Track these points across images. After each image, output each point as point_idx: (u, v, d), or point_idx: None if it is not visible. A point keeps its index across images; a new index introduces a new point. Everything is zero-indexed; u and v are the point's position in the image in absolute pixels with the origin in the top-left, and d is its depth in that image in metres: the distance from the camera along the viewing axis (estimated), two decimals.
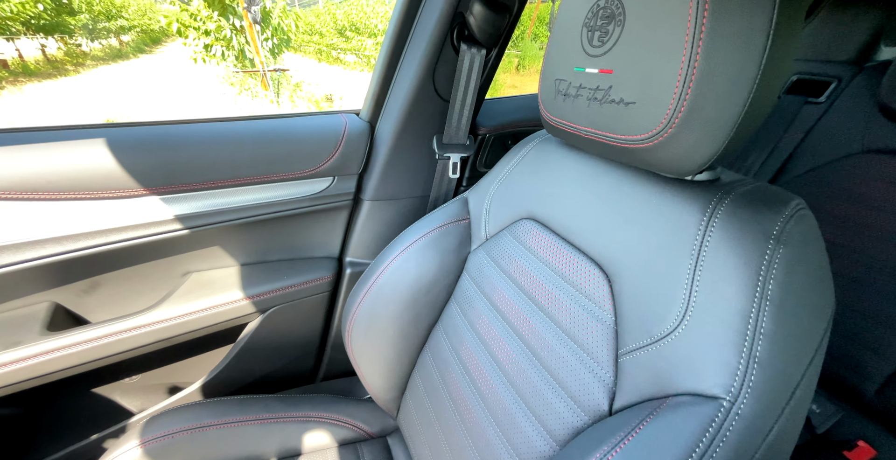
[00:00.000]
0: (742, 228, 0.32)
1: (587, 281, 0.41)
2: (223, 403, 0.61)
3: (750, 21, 0.27)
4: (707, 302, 0.31)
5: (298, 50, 12.73)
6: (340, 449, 0.61)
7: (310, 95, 5.74)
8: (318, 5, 12.60)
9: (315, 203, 0.74)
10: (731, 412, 0.28)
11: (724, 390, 0.29)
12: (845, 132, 0.83)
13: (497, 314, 0.50)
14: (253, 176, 0.64)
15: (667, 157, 0.33)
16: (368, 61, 8.72)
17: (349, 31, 9.32)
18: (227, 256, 0.74)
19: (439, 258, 0.58)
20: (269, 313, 0.75)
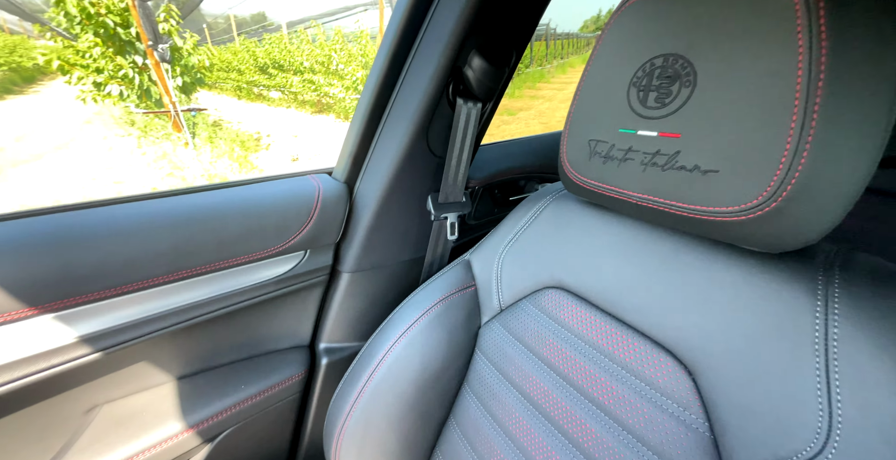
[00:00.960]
0: (877, 310, 0.26)
1: (659, 372, 0.33)
2: None
3: (874, 73, 0.24)
4: (858, 412, 0.25)
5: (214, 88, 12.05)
6: None
7: (233, 135, 5.34)
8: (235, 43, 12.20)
9: (282, 285, 0.61)
10: None
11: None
12: None
13: (531, 407, 0.41)
14: (197, 267, 0.50)
15: (766, 233, 0.27)
16: (296, 97, 8.52)
17: (272, 69, 9.12)
18: (155, 373, 0.57)
19: (447, 337, 0.50)
20: (220, 439, 0.59)
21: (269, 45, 9.22)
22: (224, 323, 0.60)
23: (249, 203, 0.54)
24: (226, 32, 14.29)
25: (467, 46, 0.54)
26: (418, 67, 0.57)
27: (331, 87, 6.95)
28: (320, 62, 7.35)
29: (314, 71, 7.52)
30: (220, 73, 11.78)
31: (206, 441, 0.58)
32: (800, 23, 0.24)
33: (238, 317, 0.61)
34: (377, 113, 0.62)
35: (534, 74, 10.35)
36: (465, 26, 0.51)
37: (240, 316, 0.61)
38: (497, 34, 0.56)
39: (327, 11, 10.65)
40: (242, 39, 11.21)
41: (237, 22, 14.63)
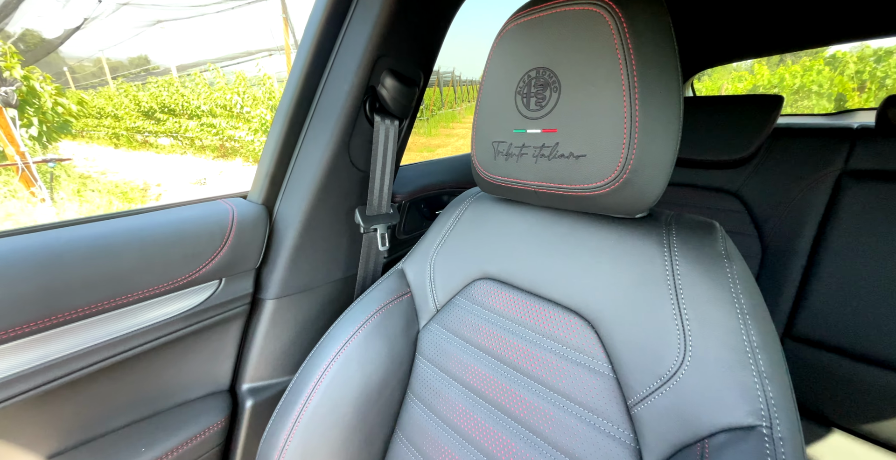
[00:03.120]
0: (700, 253, 0.35)
1: (571, 332, 0.39)
2: None
3: (666, 75, 0.34)
4: (701, 329, 0.33)
5: (81, 136, 10.25)
6: None
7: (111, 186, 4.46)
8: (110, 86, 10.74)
9: (192, 321, 0.54)
10: (775, 439, 0.28)
11: (756, 416, 0.29)
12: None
13: (475, 396, 0.44)
14: (75, 309, 0.41)
15: (623, 200, 0.36)
16: (192, 143, 7.67)
17: (160, 113, 8.16)
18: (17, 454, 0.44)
19: (388, 346, 0.50)
20: None
21: (157, 89, 8.32)
22: (118, 375, 0.50)
23: (149, 232, 0.48)
24: (95, 76, 12.59)
25: (379, 66, 0.58)
26: (334, 85, 0.58)
27: (235, 130, 6.43)
28: (221, 105, 6.82)
29: (214, 115, 6.93)
30: (91, 119, 10.16)
31: None
32: (616, 41, 0.33)
33: (137, 365, 0.51)
34: (294, 131, 0.60)
35: (447, 115, 11.22)
36: (376, 48, 0.55)
37: (139, 364, 0.52)
38: (405, 55, 0.60)
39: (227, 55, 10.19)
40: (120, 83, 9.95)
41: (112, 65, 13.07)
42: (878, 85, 6.65)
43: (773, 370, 0.31)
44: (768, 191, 0.97)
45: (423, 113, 10.38)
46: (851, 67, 6.56)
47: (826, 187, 0.89)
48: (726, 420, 0.30)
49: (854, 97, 6.75)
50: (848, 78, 6.63)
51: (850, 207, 0.85)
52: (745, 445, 0.29)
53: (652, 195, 0.35)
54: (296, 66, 0.57)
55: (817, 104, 6.93)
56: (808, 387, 0.87)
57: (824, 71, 6.68)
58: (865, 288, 0.81)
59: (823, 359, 0.85)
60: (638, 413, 0.34)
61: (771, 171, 0.97)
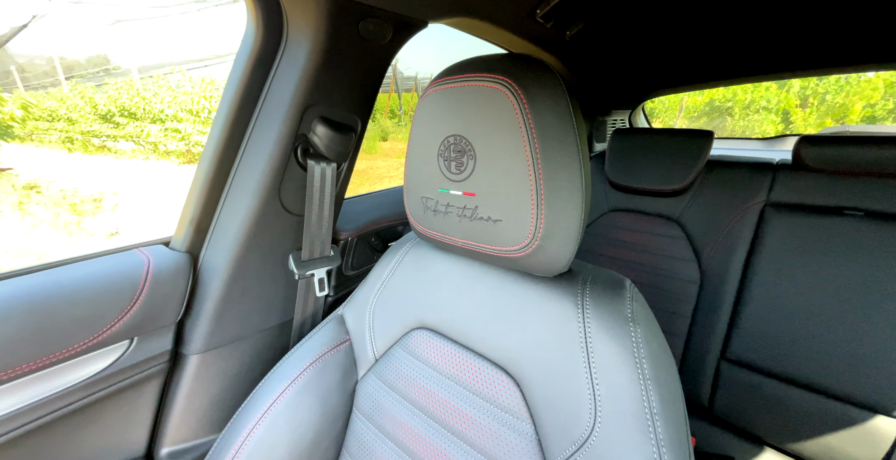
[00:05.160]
0: (609, 315, 0.37)
1: (498, 389, 0.40)
2: None
3: (567, 149, 0.35)
4: (609, 394, 0.34)
5: (29, 139, 9.53)
6: None
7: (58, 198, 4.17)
8: (63, 88, 10.08)
9: (96, 389, 0.49)
10: None
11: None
12: (596, 197, 1.22)
13: (407, 457, 0.43)
14: None
15: (537, 263, 0.38)
16: (155, 147, 7.29)
17: (120, 117, 7.72)
18: None
19: (320, 403, 0.48)
20: None
21: (116, 91, 7.87)
22: (10, 454, 0.44)
23: (39, 296, 0.43)
24: (48, 76, 11.80)
25: (309, 115, 0.57)
26: (261, 133, 0.56)
27: (203, 135, 6.18)
28: (187, 110, 6.54)
29: (179, 119, 6.63)
30: (41, 121, 9.48)
31: None
32: (518, 118, 0.34)
33: (29, 442, 0.46)
34: (222, 175, 0.58)
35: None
36: (303, 97, 0.54)
37: (32, 440, 0.46)
38: (337, 104, 0.59)
39: (194, 58, 9.81)
40: (75, 84, 9.34)
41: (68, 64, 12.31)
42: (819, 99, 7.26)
43: (670, 437, 0.32)
44: (704, 219, 1.02)
45: (402, 118, 10.36)
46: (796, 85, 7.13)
47: (752, 217, 0.95)
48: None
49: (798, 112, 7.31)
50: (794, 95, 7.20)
51: (772, 237, 0.91)
52: None
53: (563, 259, 0.37)
54: (221, 110, 0.55)
55: (766, 118, 7.47)
56: (741, 407, 0.92)
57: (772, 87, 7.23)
58: (788, 313, 0.86)
59: (754, 380, 0.90)
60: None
61: (706, 200, 1.03)
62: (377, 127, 9.16)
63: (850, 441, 0.78)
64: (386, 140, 8.76)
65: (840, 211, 0.85)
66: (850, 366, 0.78)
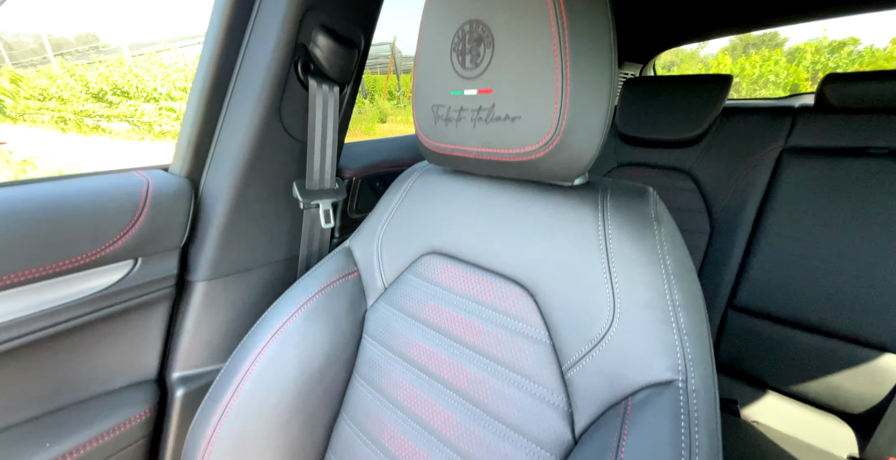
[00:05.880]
0: (631, 216, 0.36)
1: (511, 302, 0.40)
2: None
3: (598, 34, 0.33)
4: (628, 290, 0.34)
5: (22, 119, 9.37)
6: None
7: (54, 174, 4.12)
8: (52, 66, 9.80)
9: (104, 304, 0.49)
10: (689, 391, 0.30)
11: (673, 371, 0.31)
12: (604, 153, 1.19)
13: (420, 372, 0.43)
14: None
15: (556, 165, 0.36)
16: (150, 128, 7.17)
17: (112, 95, 7.54)
18: None
19: (331, 328, 0.48)
20: None
21: (107, 69, 7.65)
22: (15, 364, 0.45)
23: (39, 205, 0.42)
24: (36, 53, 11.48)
25: (309, 21, 0.53)
26: (258, 41, 0.52)
27: None
28: (181, 88, 6.38)
29: (173, 98, 6.48)
30: (33, 100, 9.29)
31: None
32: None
33: (38, 354, 0.47)
34: (218, 93, 0.55)
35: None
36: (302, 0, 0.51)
37: (40, 353, 0.47)
38: (340, 12, 0.55)
39: (187, 35, 9.52)
40: (62, 62, 9.09)
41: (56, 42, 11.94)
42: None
43: (692, 327, 0.32)
44: (717, 169, 1.00)
45: (401, 100, 10.13)
46: (808, 58, 6.91)
47: (768, 164, 0.93)
48: (648, 377, 0.31)
49: (807, 86, 7.14)
50: (804, 69, 6.99)
51: (788, 183, 0.89)
52: (662, 399, 0.30)
53: (585, 159, 0.36)
54: (213, 17, 0.51)
55: (773, 93, 7.30)
56: (746, 353, 0.93)
57: (781, 61, 7.01)
58: (800, 259, 0.86)
59: (760, 326, 0.90)
60: (571, 377, 0.35)
61: (719, 150, 1.01)
62: (375, 108, 8.97)
63: (856, 379, 0.78)
64: (385, 122, 8.59)
65: (863, 151, 0.83)
66: (860, 307, 0.78)
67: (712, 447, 0.28)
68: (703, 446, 0.28)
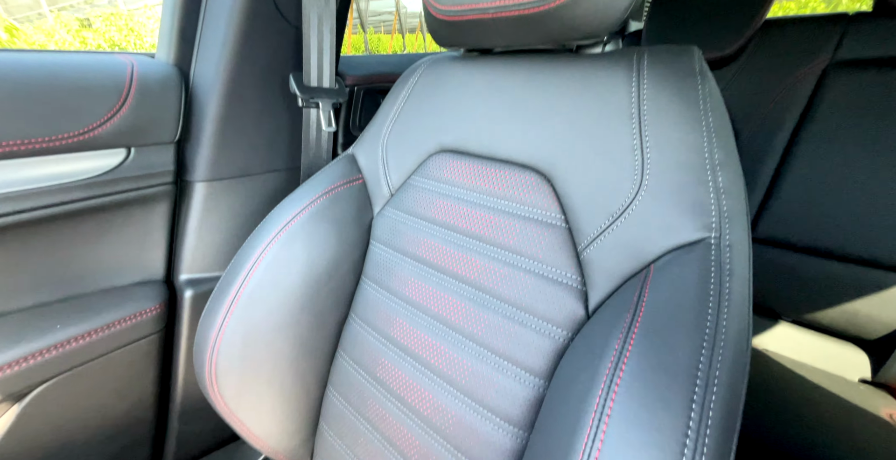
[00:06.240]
0: (672, 70, 0.33)
1: (525, 189, 0.38)
2: None
3: None
4: (661, 153, 0.31)
5: None
6: None
7: None
8: (48, 20, 9.49)
9: (100, 191, 0.48)
10: (722, 246, 0.28)
11: (706, 229, 0.29)
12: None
13: (428, 268, 0.42)
14: None
15: (586, 11, 0.32)
16: None
17: None
18: None
19: (336, 231, 0.47)
20: (32, 397, 0.45)
21: (103, 24, 7.37)
22: (17, 245, 0.45)
23: (17, 73, 0.40)
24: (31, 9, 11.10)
25: None
26: None
27: None
28: None
29: None
30: None
31: (9, 398, 0.44)
32: None
33: (38, 236, 0.46)
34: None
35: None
36: None
37: (41, 235, 0.46)
38: None
39: None
40: (58, 16, 8.77)
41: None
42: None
43: (730, 185, 0.30)
44: (750, 92, 0.92)
45: None
46: None
47: (809, 82, 0.85)
48: (675, 240, 0.29)
49: None
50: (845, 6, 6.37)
51: (831, 103, 0.81)
52: (690, 255, 0.28)
53: (619, 5, 0.32)
54: None
55: None
56: (761, 285, 0.90)
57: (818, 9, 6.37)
58: (832, 185, 0.80)
59: (777, 256, 0.87)
60: (587, 256, 0.33)
61: (755, 70, 0.92)
62: None
63: (876, 304, 0.76)
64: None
65: None
66: (890, 232, 0.74)
67: (743, 297, 0.27)
68: (735, 295, 0.26)
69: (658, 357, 0.24)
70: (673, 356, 0.24)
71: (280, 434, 0.46)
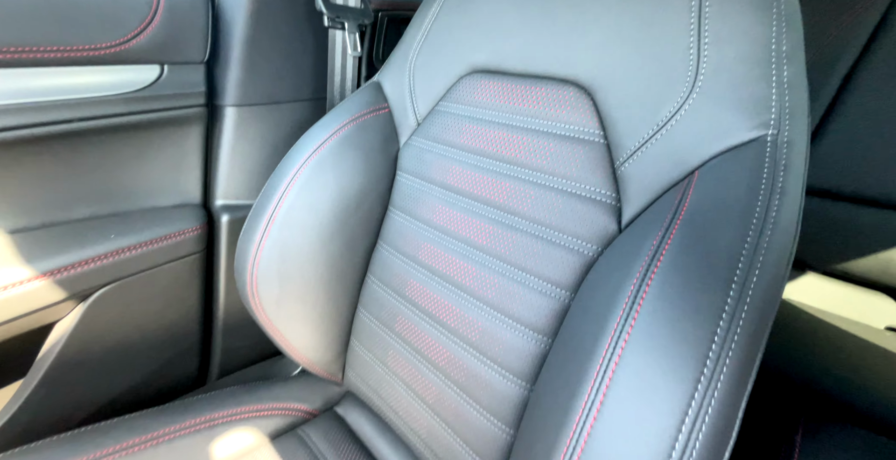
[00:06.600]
0: None
1: (562, 105, 0.36)
2: (41, 451, 0.39)
3: None
4: (720, 49, 0.29)
5: None
6: (276, 443, 0.46)
7: None
8: None
9: (137, 107, 0.49)
10: (779, 143, 0.26)
11: (763, 126, 0.27)
12: None
13: (456, 194, 0.42)
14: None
15: None
16: None
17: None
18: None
19: (363, 157, 0.46)
20: (95, 298, 0.49)
21: None
22: (69, 157, 0.47)
23: None
24: None
25: None
26: None
27: None
28: None
29: None
30: None
31: (75, 298, 0.48)
32: None
33: (87, 147, 0.48)
34: None
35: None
36: None
37: (89, 147, 0.49)
38: None
39: None
40: None
41: None
42: None
43: (795, 78, 0.28)
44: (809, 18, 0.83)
45: None
46: None
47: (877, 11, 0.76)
48: (727, 142, 0.28)
49: None
50: None
51: None
52: (741, 156, 0.26)
53: None
54: None
55: None
56: None
57: None
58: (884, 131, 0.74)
59: (817, 207, 0.83)
60: (624, 171, 0.32)
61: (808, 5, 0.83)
62: None
63: None
64: None
65: None
66: None
67: (797, 193, 0.25)
68: (789, 189, 0.25)
69: (698, 245, 0.24)
70: (714, 243, 0.23)
71: (315, 347, 0.49)
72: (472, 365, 0.37)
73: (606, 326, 0.24)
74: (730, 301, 0.22)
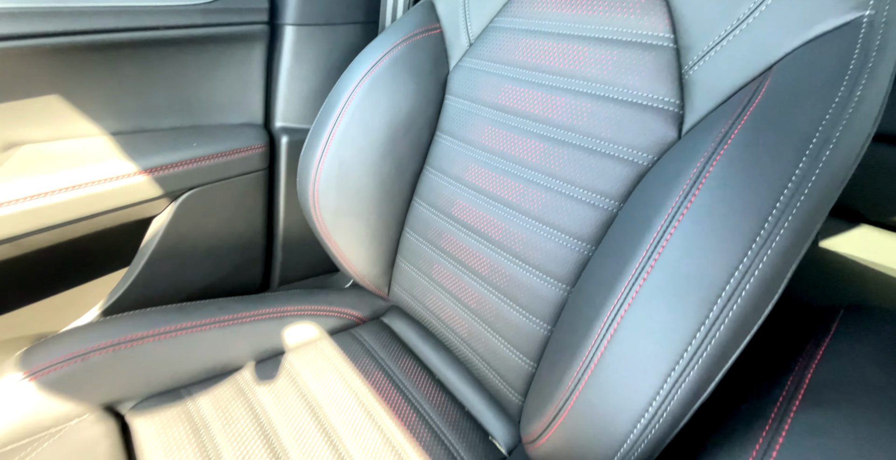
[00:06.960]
0: None
1: (631, 10, 0.34)
2: (157, 313, 0.47)
3: None
4: None
5: None
6: (334, 338, 0.52)
7: None
8: None
9: (202, 20, 0.51)
10: (876, 22, 0.23)
11: (860, 6, 0.24)
12: None
13: (508, 115, 0.41)
14: None
15: None
16: None
17: None
18: (81, 119, 0.50)
19: (414, 79, 0.47)
20: (183, 199, 0.55)
21: None
22: (148, 68, 0.52)
23: None
24: None
25: None
26: None
27: None
28: None
29: None
30: None
31: (169, 196, 0.54)
32: None
33: (158, 58, 0.52)
34: None
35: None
36: None
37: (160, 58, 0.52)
38: None
39: None
40: None
41: None
42: None
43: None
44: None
45: None
46: None
47: None
48: (815, 30, 0.25)
49: None
50: None
51: None
52: (829, 42, 0.24)
53: None
54: None
55: None
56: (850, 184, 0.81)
57: None
58: None
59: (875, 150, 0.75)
60: (692, 75, 0.30)
61: None
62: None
63: None
64: None
65: None
66: None
67: (887, 74, 0.23)
68: (879, 73, 0.22)
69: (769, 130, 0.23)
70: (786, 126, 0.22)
71: (365, 259, 0.52)
72: (513, 272, 0.40)
73: (652, 226, 0.25)
74: (798, 172, 0.21)
